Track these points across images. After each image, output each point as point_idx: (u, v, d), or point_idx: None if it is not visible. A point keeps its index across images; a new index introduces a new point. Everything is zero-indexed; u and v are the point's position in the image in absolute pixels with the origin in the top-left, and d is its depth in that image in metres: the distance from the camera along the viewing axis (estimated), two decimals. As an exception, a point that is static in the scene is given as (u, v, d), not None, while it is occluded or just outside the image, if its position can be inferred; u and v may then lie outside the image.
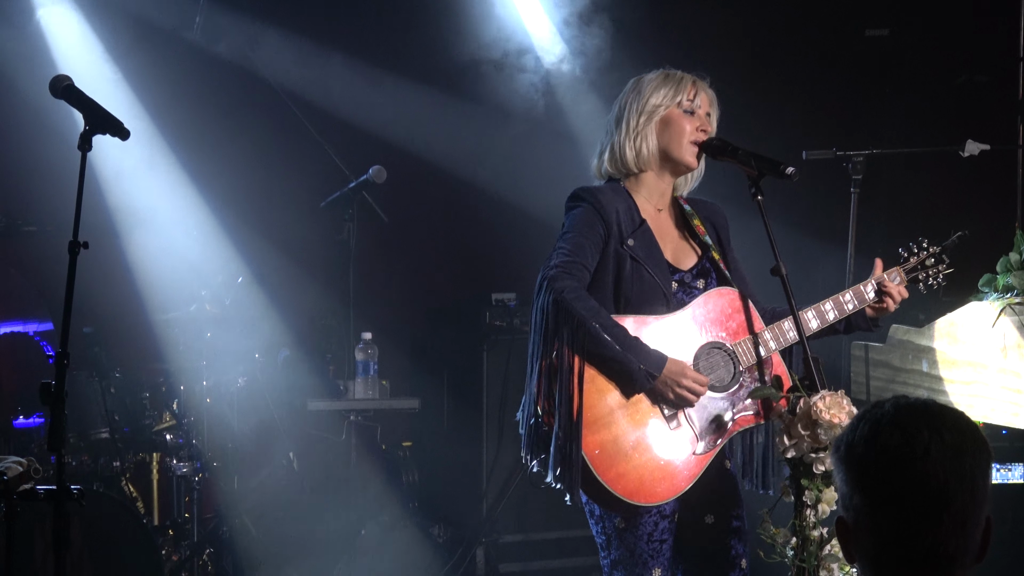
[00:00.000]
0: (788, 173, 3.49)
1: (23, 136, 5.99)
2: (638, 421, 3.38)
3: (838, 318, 3.64)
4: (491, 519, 6.15)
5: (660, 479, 3.37)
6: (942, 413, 1.90)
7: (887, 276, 3.70)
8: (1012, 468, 5.08)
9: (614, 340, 3.31)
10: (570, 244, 3.44)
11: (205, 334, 5.73)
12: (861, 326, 3.71)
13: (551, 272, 3.38)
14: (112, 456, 5.37)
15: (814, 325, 3.60)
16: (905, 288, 3.71)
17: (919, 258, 3.78)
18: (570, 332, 3.30)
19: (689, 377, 3.37)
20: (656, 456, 3.37)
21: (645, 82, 3.61)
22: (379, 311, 6.42)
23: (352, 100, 6.48)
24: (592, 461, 3.31)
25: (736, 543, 3.56)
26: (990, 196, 6.42)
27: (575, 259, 3.41)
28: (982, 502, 1.88)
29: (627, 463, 3.35)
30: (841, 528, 1.95)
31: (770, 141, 4.79)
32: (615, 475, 3.33)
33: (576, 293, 3.34)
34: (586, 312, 3.31)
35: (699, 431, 3.43)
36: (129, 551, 4.95)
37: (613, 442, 3.35)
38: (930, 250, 3.79)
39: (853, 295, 3.65)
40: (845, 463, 1.91)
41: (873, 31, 6.80)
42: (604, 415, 3.35)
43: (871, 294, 3.66)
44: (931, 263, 3.79)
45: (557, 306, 3.31)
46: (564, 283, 3.34)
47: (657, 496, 3.37)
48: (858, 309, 3.66)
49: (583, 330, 3.30)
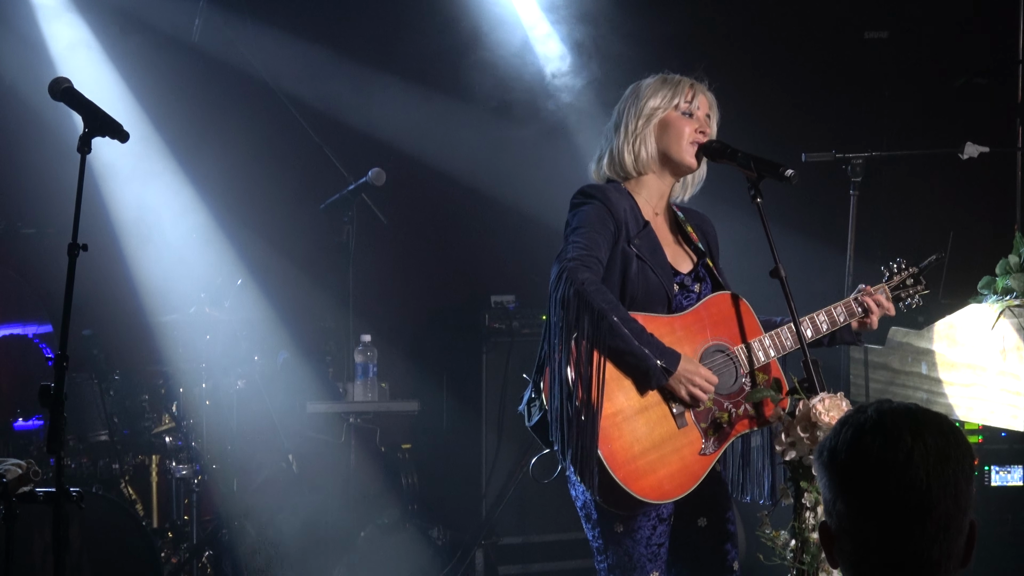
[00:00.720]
0: (787, 175, 3.49)
1: (22, 138, 5.99)
2: (649, 418, 3.39)
3: (830, 330, 3.70)
4: (490, 521, 6.15)
5: (668, 477, 3.38)
6: (925, 418, 1.89)
7: (875, 293, 3.76)
8: (1011, 470, 5.09)
9: (632, 334, 3.32)
10: (584, 238, 3.44)
11: (204, 336, 5.73)
12: (846, 339, 3.79)
13: (570, 264, 3.37)
14: (111, 458, 5.37)
15: (808, 334, 3.64)
16: (892, 305, 3.78)
17: (900, 277, 3.86)
18: (591, 323, 3.30)
19: (702, 375, 3.39)
20: (666, 454, 3.38)
21: (643, 87, 3.64)
22: (378, 313, 6.41)
23: (351, 102, 6.48)
24: (605, 455, 3.32)
25: (728, 546, 3.58)
26: (989, 198, 6.43)
27: (591, 253, 3.42)
28: (965, 507, 1.87)
29: (641, 461, 3.35)
30: (824, 534, 1.94)
31: (769, 143, 4.79)
32: (628, 472, 3.33)
33: (596, 286, 3.34)
34: (606, 305, 3.31)
35: (704, 432, 3.43)
36: (128, 553, 4.95)
37: (627, 439, 3.35)
38: (909, 270, 3.87)
39: (844, 308, 3.72)
40: (828, 468, 1.91)
41: (872, 33, 6.80)
42: (618, 411, 3.36)
43: (859, 310, 3.73)
44: (911, 283, 3.86)
45: (579, 297, 3.31)
46: (584, 275, 3.35)
47: (667, 494, 3.38)
48: (847, 323, 3.72)
49: (605, 322, 3.30)
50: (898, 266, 3.89)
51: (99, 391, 5.35)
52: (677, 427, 3.41)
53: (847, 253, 4.91)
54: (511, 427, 6.22)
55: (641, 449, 3.36)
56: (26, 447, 5.27)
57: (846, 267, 4.89)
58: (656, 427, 3.39)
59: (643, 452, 3.36)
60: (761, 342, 3.54)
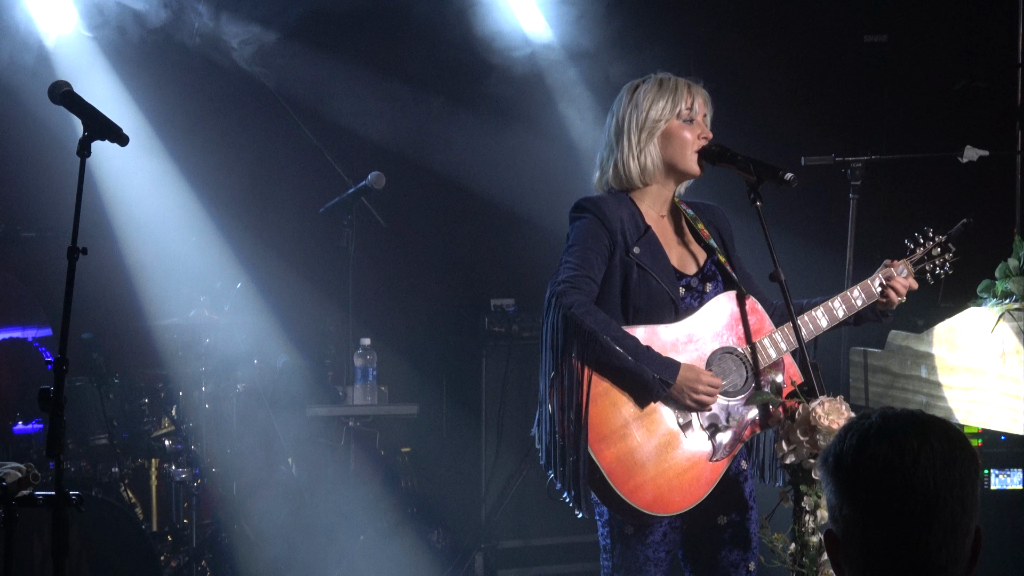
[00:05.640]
0: (787, 179, 3.49)
1: (22, 142, 5.99)
2: (653, 431, 3.38)
3: (847, 315, 3.65)
4: (490, 525, 6.15)
5: (677, 488, 3.37)
6: (930, 423, 1.89)
7: (894, 270, 3.71)
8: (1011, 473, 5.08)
9: (626, 351, 3.31)
10: (576, 258, 3.44)
11: (204, 340, 5.72)
12: (870, 318, 3.73)
13: (559, 288, 3.37)
14: (111, 462, 5.37)
15: (824, 323, 3.60)
16: (915, 280, 3.72)
17: (925, 248, 3.80)
18: (580, 346, 3.31)
19: (704, 380, 3.38)
20: (673, 466, 3.37)
21: (641, 94, 3.59)
22: (378, 317, 6.41)
23: (351, 106, 6.48)
24: (610, 474, 3.31)
25: (745, 545, 3.56)
26: (989, 202, 6.43)
27: (582, 272, 3.41)
28: (971, 511, 1.86)
29: (645, 474, 3.35)
30: (830, 540, 1.94)
31: (769, 147, 4.79)
32: (633, 487, 3.33)
33: (585, 307, 3.34)
34: (596, 325, 3.31)
35: (714, 437, 3.43)
36: (128, 557, 4.95)
37: (630, 454, 3.35)
38: (936, 239, 3.81)
39: (861, 291, 3.67)
40: (834, 474, 1.90)
41: (872, 37, 6.80)
42: (620, 427, 3.35)
43: (878, 289, 3.67)
44: (937, 252, 3.81)
45: (567, 322, 3.32)
46: (572, 298, 3.34)
47: (675, 506, 3.38)
48: (867, 305, 3.67)
49: (595, 344, 3.30)
50: (924, 236, 3.82)
51: (99, 394, 5.35)
52: (684, 436, 3.41)
53: (847, 257, 4.91)
54: (510, 431, 6.22)
55: (647, 463, 3.35)
56: (26, 450, 5.26)
57: (846, 271, 4.89)
58: (663, 440, 3.38)
59: (649, 467, 3.35)
60: (772, 338, 3.52)
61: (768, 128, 6.38)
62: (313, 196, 6.16)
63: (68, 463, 5.27)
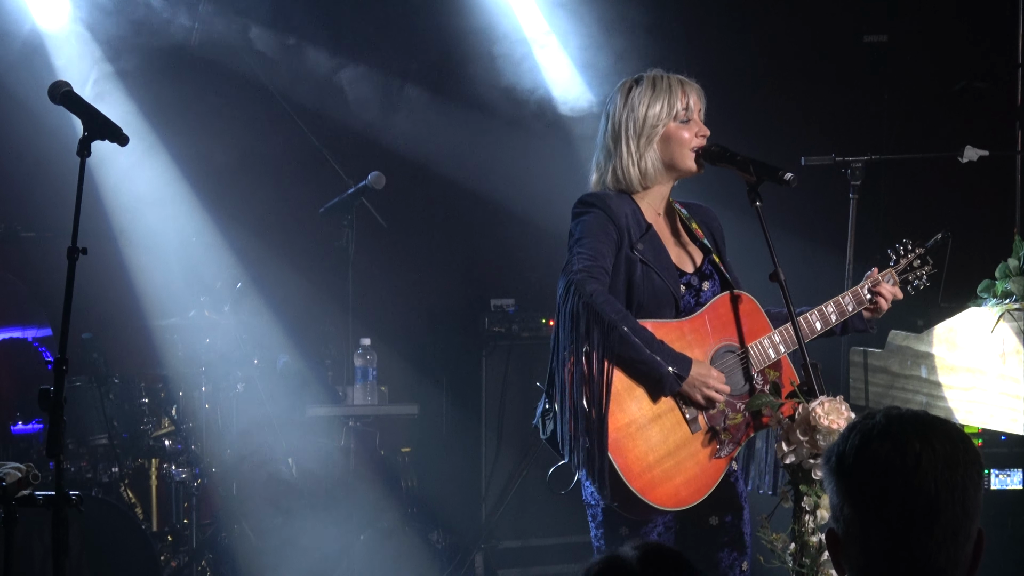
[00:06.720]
0: (787, 179, 3.50)
1: (21, 142, 5.98)
2: (663, 426, 3.39)
3: (839, 320, 3.67)
4: (490, 525, 6.15)
5: (686, 482, 3.39)
6: (933, 424, 1.88)
7: (881, 278, 3.74)
8: (1011, 474, 5.08)
9: (643, 343, 3.33)
10: (589, 249, 3.44)
11: (204, 340, 5.72)
12: (858, 327, 3.78)
13: (577, 276, 3.38)
14: (111, 462, 5.37)
15: (819, 327, 3.63)
16: (899, 289, 3.76)
17: (907, 260, 3.84)
18: (601, 335, 3.31)
19: (715, 377, 3.40)
20: (682, 459, 3.39)
21: (636, 97, 3.57)
22: (378, 317, 6.41)
23: (351, 106, 6.48)
24: (620, 467, 3.32)
25: (738, 545, 3.56)
26: (989, 202, 6.43)
27: (597, 263, 3.42)
28: (973, 514, 1.86)
29: (655, 469, 3.36)
30: (832, 540, 1.93)
31: (769, 147, 4.78)
32: (645, 482, 3.34)
33: (605, 296, 3.35)
34: (616, 316, 3.32)
35: (718, 434, 3.43)
36: (128, 557, 4.95)
37: (640, 448, 3.35)
38: (916, 251, 3.85)
39: (852, 297, 3.70)
40: (836, 474, 1.90)
41: (871, 37, 6.80)
42: (631, 420, 3.36)
43: (867, 296, 3.71)
44: (917, 264, 3.85)
45: (589, 309, 3.32)
46: (592, 287, 3.35)
47: (684, 500, 3.40)
48: (856, 311, 3.70)
49: (615, 333, 3.31)
50: (904, 248, 3.85)
51: (99, 395, 5.35)
52: (691, 432, 3.42)
53: (847, 257, 4.91)
54: (511, 430, 6.22)
55: (656, 457, 3.36)
56: (26, 451, 5.27)
57: (846, 271, 4.89)
58: (670, 434, 3.39)
59: (659, 460, 3.37)
60: (771, 339, 3.54)
61: (768, 128, 6.37)
62: (313, 196, 6.16)
63: (68, 463, 5.27)
